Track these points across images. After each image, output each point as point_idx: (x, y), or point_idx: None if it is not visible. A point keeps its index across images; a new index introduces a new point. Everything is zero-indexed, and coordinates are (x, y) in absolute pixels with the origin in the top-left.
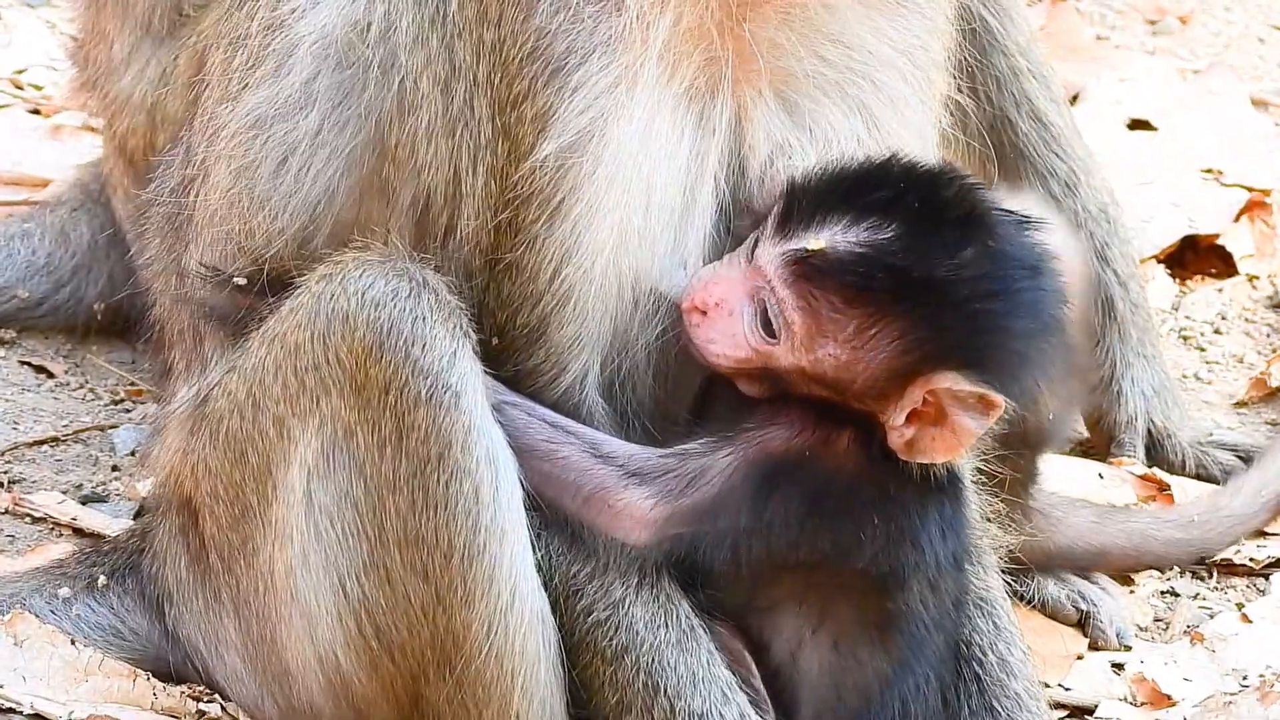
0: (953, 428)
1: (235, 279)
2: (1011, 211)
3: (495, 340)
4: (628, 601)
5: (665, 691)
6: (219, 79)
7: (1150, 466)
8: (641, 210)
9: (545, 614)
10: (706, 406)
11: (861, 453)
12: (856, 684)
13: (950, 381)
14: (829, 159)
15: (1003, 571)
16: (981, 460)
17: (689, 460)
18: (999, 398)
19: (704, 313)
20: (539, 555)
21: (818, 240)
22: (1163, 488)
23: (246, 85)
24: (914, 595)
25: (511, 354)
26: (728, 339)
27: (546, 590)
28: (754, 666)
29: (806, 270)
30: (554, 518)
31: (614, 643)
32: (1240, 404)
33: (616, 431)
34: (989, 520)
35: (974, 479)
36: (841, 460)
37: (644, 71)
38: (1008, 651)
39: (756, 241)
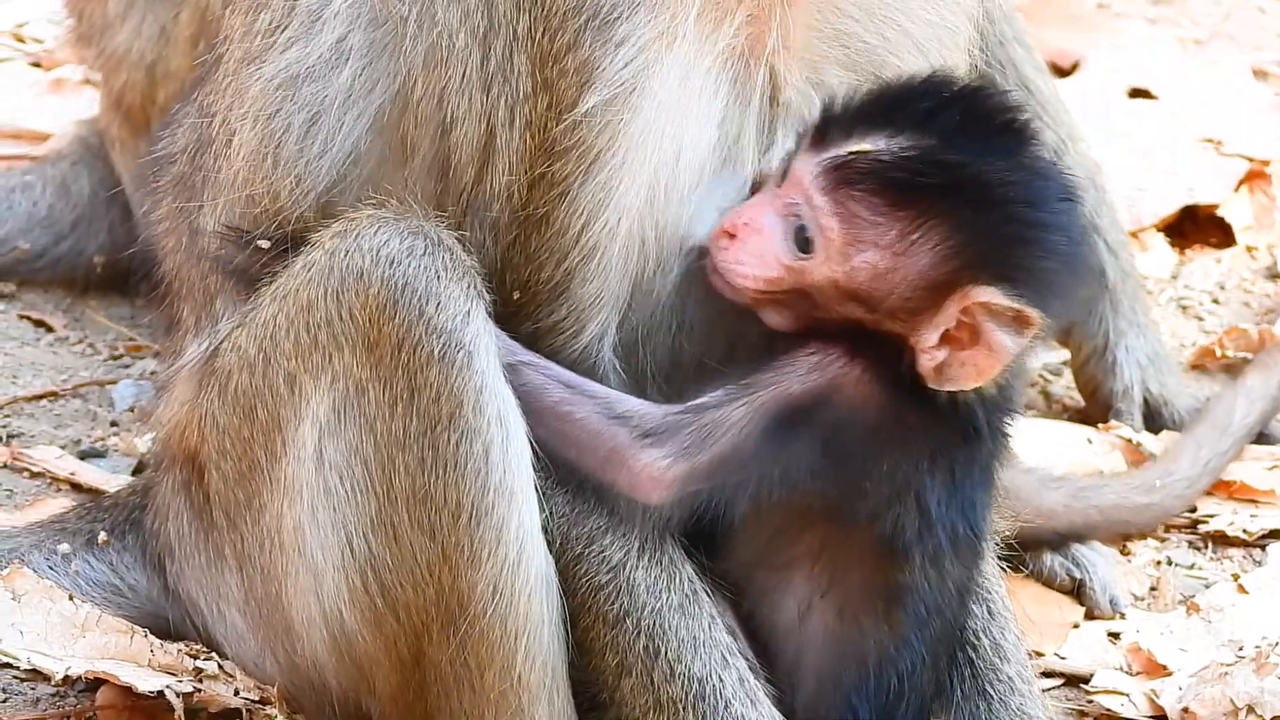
0: (988, 346)
1: (259, 241)
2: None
3: (517, 294)
4: (628, 566)
5: (665, 655)
6: (240, 40)
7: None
8: (671, 168)
9: (550, 576)
10: (732, 359)
11: (881, 389)
12: (858, 655)
13: (988, 295)
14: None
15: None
16: None
17: (704, 414)
18: (1036, 314)
19: (733, 236)
20: (542, 518)
21: (861, 144)
22: (1140, 460)
23: (273, 45)
24: (918, 571)
25: (532, 310)
26: (756, 259)
27: (549, 552)
28: (741, 637)
29: (848, 175)
30: (559, 479)
31: (615, 606)
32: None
33: (634, 391)
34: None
35: None
36: (860, 397)
37: (685, 28)
38: (1001, 636)
39: (789, 162)
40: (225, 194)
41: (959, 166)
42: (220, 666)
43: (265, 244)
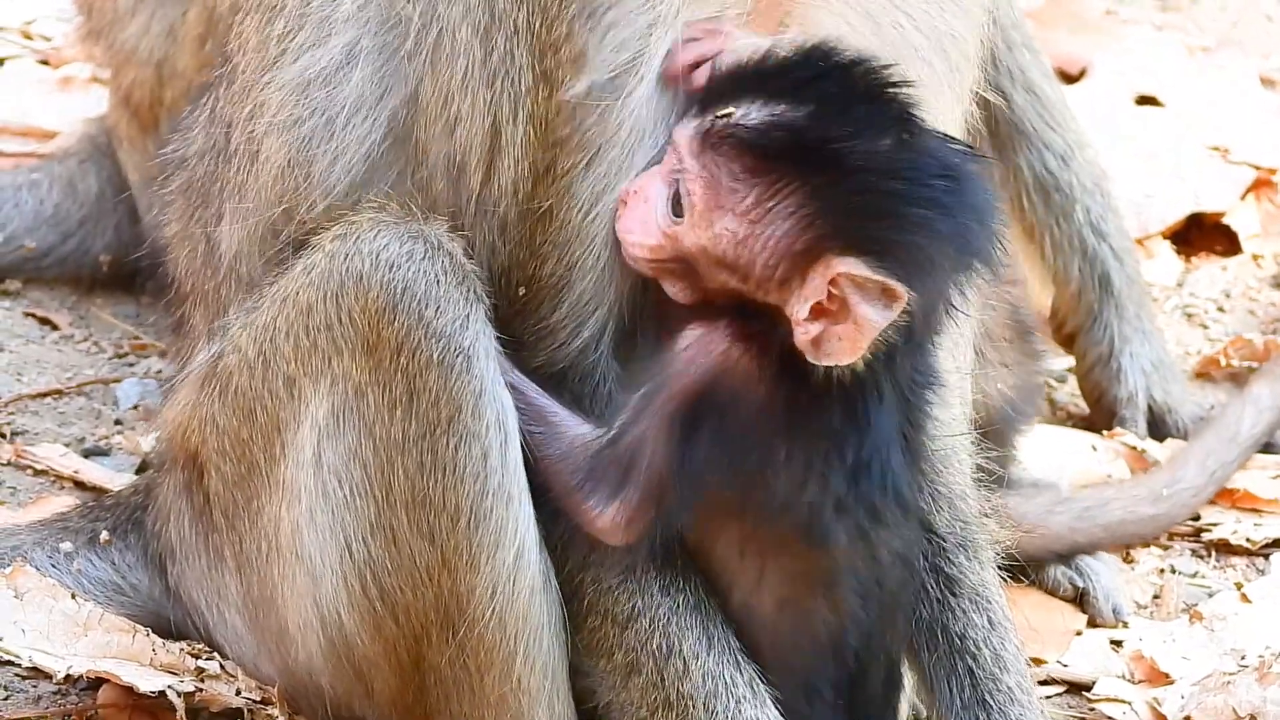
0: (855, 320)
1: None
2: (942, 132)
3: (522, 290)
4: (639, 567)
5: (681, 652)
6: (256, 49)
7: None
8: None
9: (549, 579)
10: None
11: (765, 370)
12: (808, 640)
13: (850, 266)
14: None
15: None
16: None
17: (620, 443)
18: (901, 288)
19: (625, 204)
20: (543, 521)
21: (730, 108)
22: (1144, 468)
23: (287, 53)
24: (845, 551)
25: (536, 307)
26: (641, 226)
27: (552, 555)
28: None
29: (714, 138)
30: None
31: (627, 606)
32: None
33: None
34: (986, 515)
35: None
36: (745, 378)
37: (678, 14)
38: (1001, 646)
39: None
40: (252, 203)
41: (819, 134)
42: (222, 666)
43: None
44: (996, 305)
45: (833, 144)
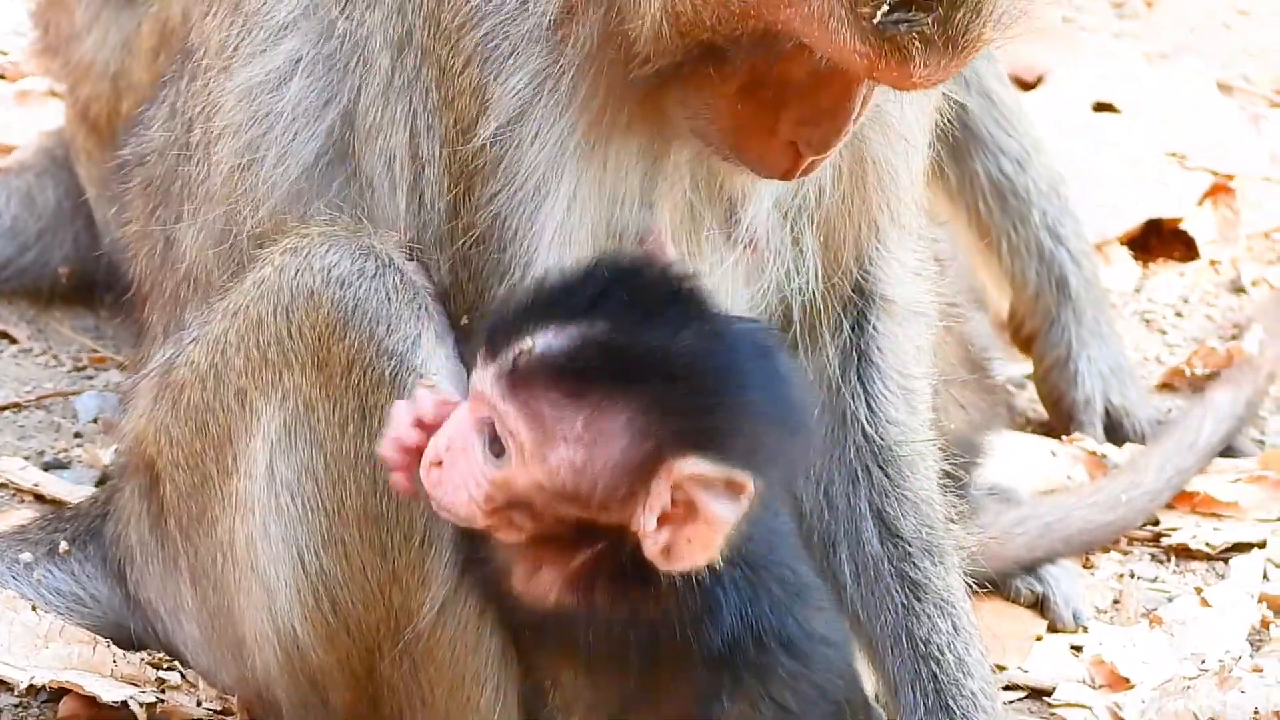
0: (705, 519)
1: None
2: (731, 313)
3: (464, 320)
4: None
5: None
6: (218, 47)
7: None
8: (597, 184)
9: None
10: None
11: (603, 594)
12: None
13: (693, 467)
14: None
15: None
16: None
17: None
18: (746, 478)
19: (439, 465)
20: None
21: (527, 343)
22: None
23: (239, 54)
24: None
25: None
26: (465, 479)
27: None
28: None
29: (521, 376)
30: None
31: None
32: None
33: None
34: (953, 521)
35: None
36: (587, 612)
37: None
38: (966, 651)
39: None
40: (204, 203)
41: (631, 346)
42: (183, 676)
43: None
44: (947, 343)
45: (649, 349)
